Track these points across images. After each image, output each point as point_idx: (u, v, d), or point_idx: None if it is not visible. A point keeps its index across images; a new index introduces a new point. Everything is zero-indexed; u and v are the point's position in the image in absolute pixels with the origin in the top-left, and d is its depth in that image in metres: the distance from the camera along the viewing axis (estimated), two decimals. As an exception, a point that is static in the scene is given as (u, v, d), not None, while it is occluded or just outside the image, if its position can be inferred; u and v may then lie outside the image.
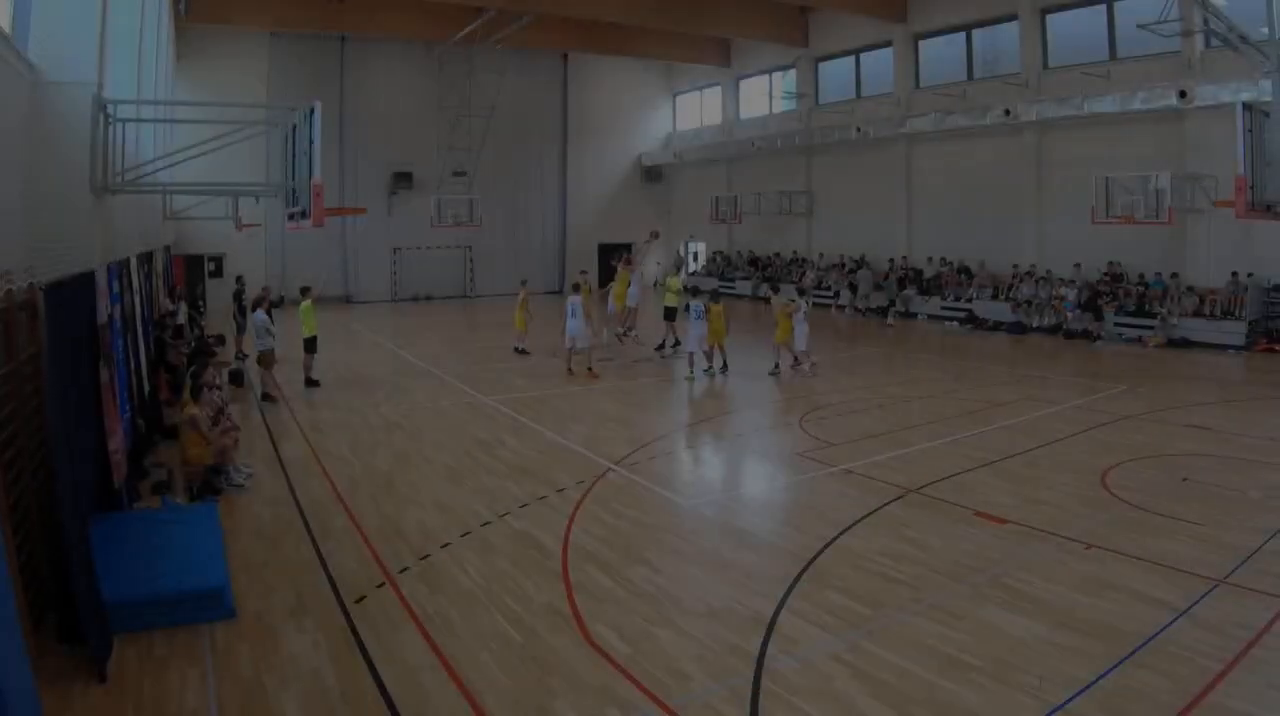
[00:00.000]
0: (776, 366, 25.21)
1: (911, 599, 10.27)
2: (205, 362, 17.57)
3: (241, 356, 26.38)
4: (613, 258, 32.78)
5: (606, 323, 30.07)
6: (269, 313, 23.80)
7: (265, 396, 22.35)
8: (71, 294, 10.81)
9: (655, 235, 30.97)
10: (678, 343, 28.48)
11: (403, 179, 49.68)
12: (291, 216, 15.98)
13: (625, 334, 29.73)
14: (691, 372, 24.69)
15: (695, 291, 26.83)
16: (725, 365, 25.65)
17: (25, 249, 10.30)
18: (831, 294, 44.15)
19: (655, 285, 51.13)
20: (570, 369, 25.37)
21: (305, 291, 24.46)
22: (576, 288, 26.53)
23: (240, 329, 28.12)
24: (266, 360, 22.67)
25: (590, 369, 25.04)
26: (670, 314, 29.87)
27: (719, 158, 54.50)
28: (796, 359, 25.15)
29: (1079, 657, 8.73)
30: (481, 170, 49.63)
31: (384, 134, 49.19)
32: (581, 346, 24.92)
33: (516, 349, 28.93)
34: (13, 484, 8.80)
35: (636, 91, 58.71)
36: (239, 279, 31.47)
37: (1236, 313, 29.99)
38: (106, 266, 13.57)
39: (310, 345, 23.80)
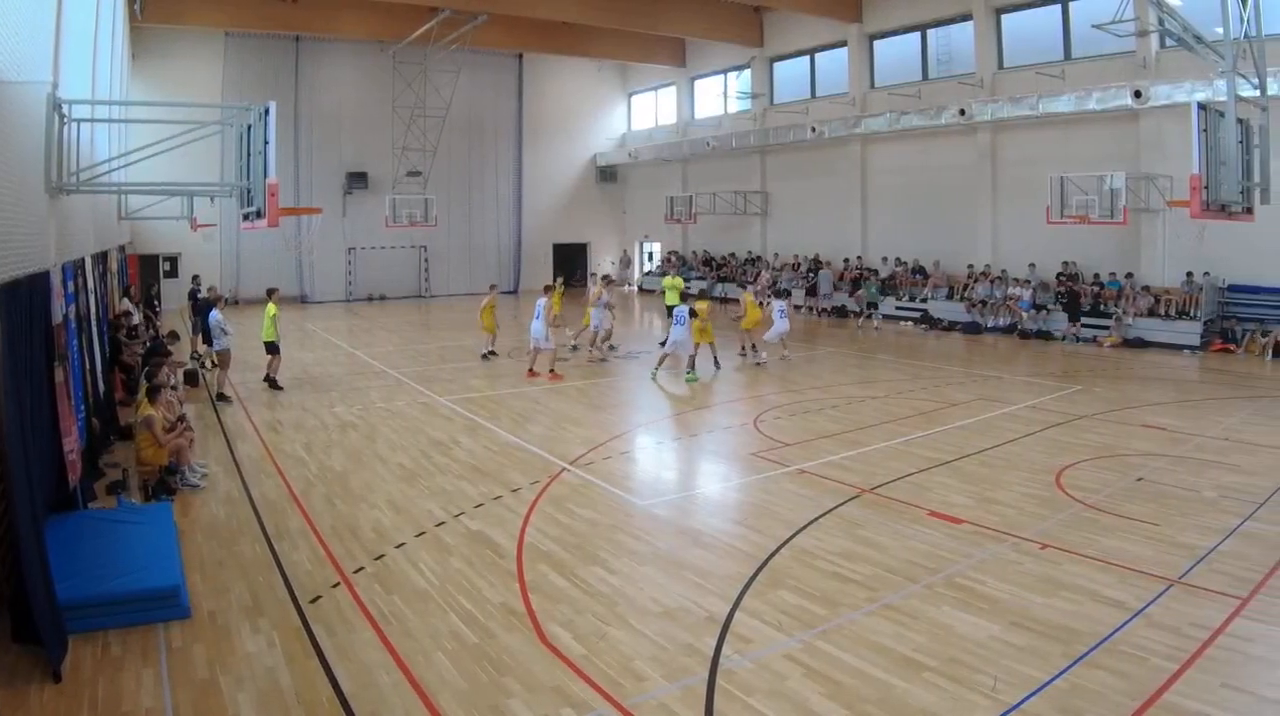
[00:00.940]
0: (757, 354, 25.62)
1: (866, 599, 10.30)
2: (159, 363, 17.52)
3: (196, 356, 26.16)
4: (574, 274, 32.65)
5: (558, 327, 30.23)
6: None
7: (220, 396, 22.24)
8: (26, 294, 10.75)
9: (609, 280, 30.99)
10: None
11: (357, 179, 49.81)
12: (246, 216, 15.93)
13: (582, 345, 29.95)
14: (692, 373, 24.74)
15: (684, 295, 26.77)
16: (717, 363, 25.96)
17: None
18: (787, 294, 43.95)
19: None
20: (532, 369, 25.25)
21: (271, 293, 24.22)
22: (548, 289, 26.23)
23: (195, 329, 27.91)
24: (223, 360, 22.61)
25: (552, 370, 24.98)
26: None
27: (674, 158, 54.70)
28: (754, 347, 25.38)
29: (1034, 657, 8.79)
30: (436, 170, 49.73)
31: (339, 134, 49.46)
32: (544, 348, 24.71)
33: (484, 354, 28.50)
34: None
35: (591, 91, 59.01)
36: (195, 278, 31.36)
37: (1191, 313, 30.26)
38: (61, 266, 13.50)
39: (272, 348, 23.52)
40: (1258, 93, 20.77)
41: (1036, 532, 12.40)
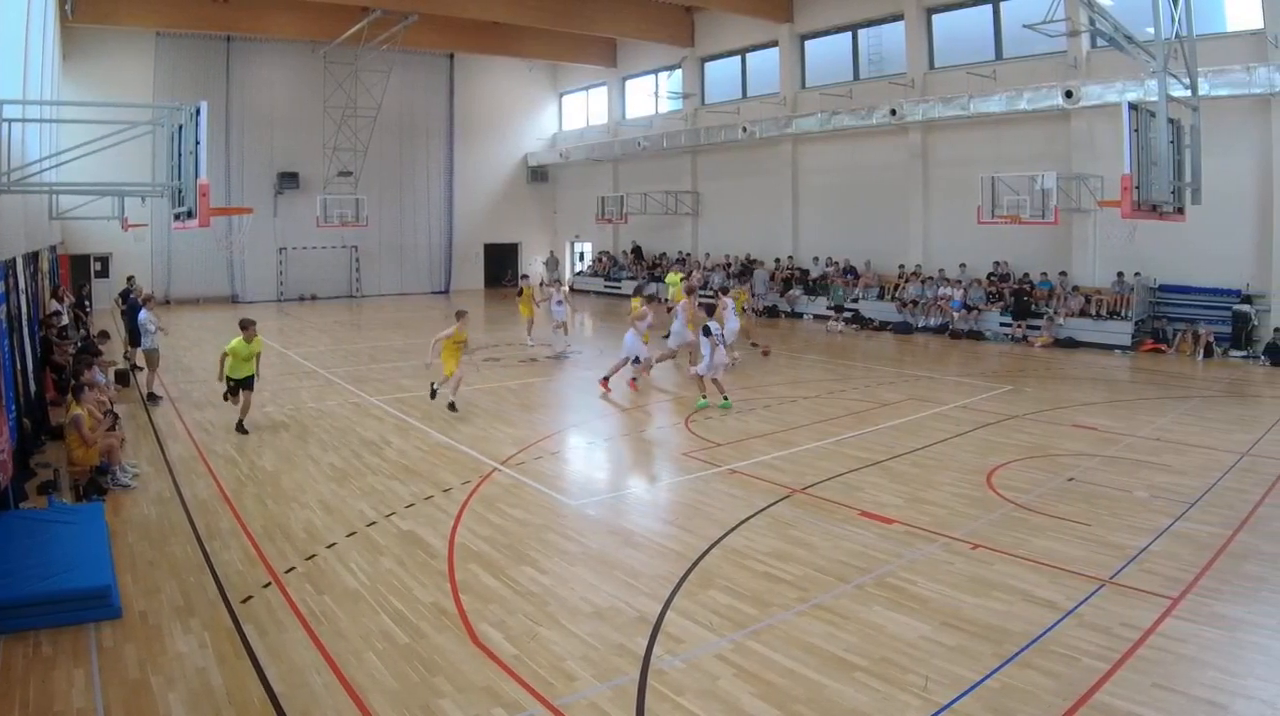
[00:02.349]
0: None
1: (797, 598, 10.33)
2: (85, 361, 17.34)
3: (127, 358, 25.84)
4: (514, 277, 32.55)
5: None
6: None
7: (151, 396, 22.05)
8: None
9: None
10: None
11: (288, 179, 49.71)
12: (177, 216, 15.84)
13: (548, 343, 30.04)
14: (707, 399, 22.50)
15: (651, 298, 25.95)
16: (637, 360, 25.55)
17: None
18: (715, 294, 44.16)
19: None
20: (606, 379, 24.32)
21: (247, 326, 19.47)
22: (643, 295, 26.25)
23: (127, 329, 27.56)
24: (151, 360, 22.40)
25: (634, 379, 24.48)
26: None
27: (605, 158, 54.79)
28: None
29: (965, 657, 8.84)
30: (367, 170, 50.01)
31: (269, 134, 49.26)
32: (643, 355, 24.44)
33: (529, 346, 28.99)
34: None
35: (522, 92, 59.11)
36: (130, 279, 31.05)
37: (1123, 313, 30.58)
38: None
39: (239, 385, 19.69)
40: (1189, 93, 20.91)
41: (967, 533, 12.47)
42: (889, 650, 9.03)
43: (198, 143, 14.74)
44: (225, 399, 19.77)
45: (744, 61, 47.07)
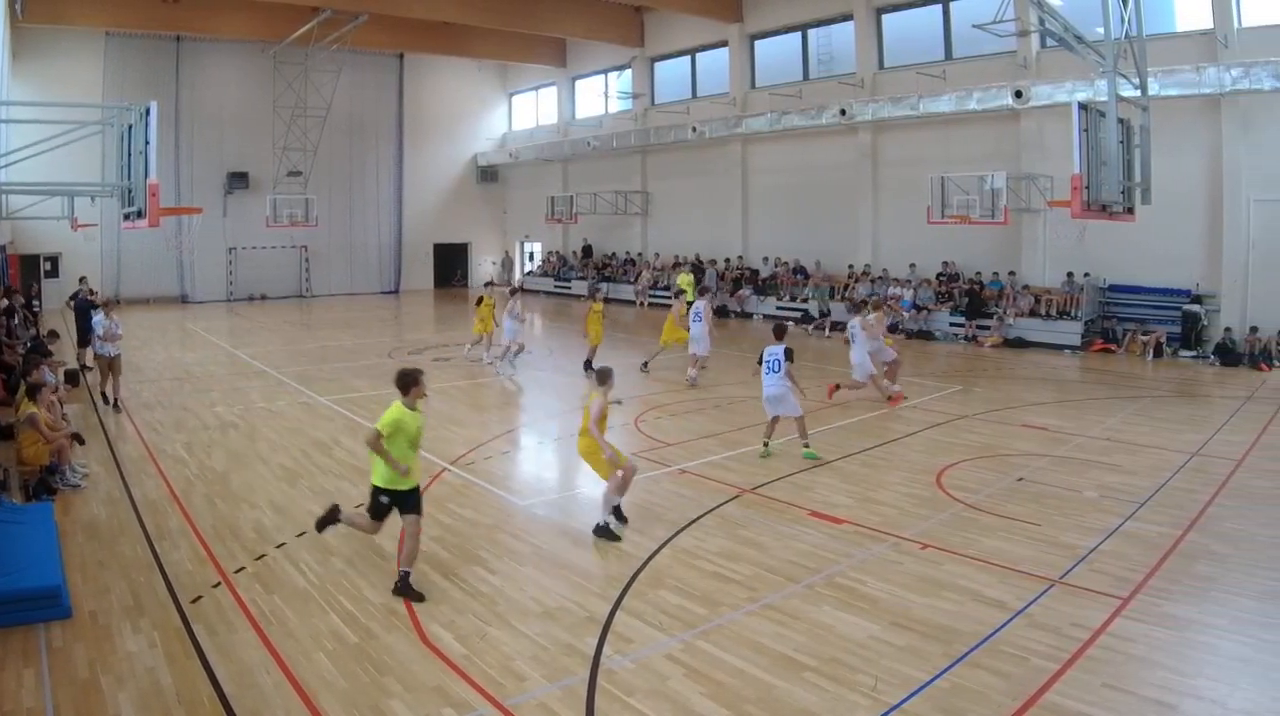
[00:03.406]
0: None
1: (747, 598, 10.37)
2: (37, 361, 17.21)
3: (80, 359, 25.58)
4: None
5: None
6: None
7: (115, 404, 21.22)
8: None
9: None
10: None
11: (238, 179, 49.55)
12: (127, 216, 15.78)
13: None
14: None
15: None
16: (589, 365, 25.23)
17: None
18: (674, 294, 44.06)
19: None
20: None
21: (410, 383, 11.22)
22: (705, 292, 25.81)
23: (78, 329, 27.19)
24: (115, 366, 21.26)
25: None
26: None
27: (555, 158, 54.81)
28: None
29: (914, 657, 8.89)
30: (317, 170, 49.80)
31: (219, 134, 49.09)
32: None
33: (587, 363, 25.79)
34: None
35: (472, 91, 59.18)
36: (82, 280, 30.80)
37: (1072, 313, 30.72)
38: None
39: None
40: (1138, 92, 21.00)
41: (917, 533, 12.53)
42: (838, 650, 9.08)
43: (147, 143, 14.73)
44: (371, 515, 11.25)
45: (694, 61, 47.19)
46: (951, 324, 33.21)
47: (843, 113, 35.76)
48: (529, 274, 57.65)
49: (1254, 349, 26.70)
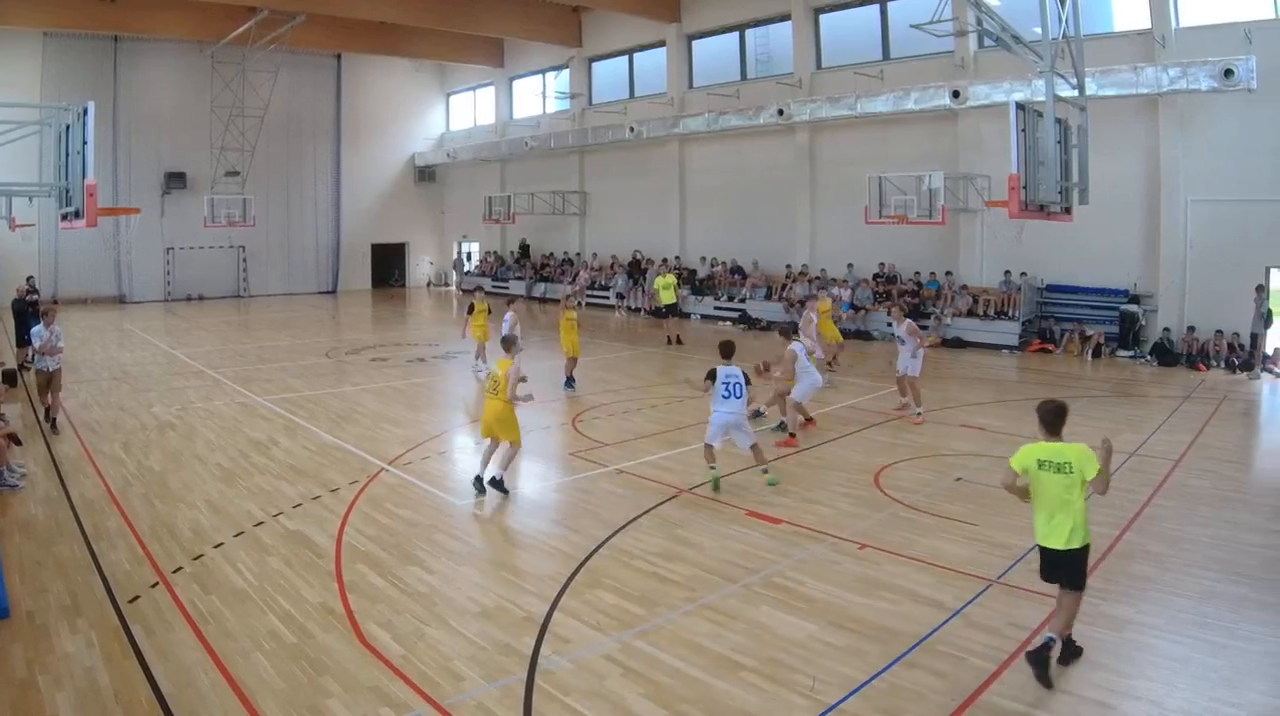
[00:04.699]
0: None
1: (685, 598, 10.37)
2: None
3: (18, 358, 25.23)
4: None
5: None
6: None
7: (53, 424, 19.25)
8: None
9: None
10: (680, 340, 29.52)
11: (176, 179, 49.25)
12: (65, 216, 15.69)
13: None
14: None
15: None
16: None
17: None
18: (615, 295, 44.32)
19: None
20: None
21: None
22: (811, 300, 25.08)
23: (16, 328, 26.71)
24: (55, 382, 19.17)
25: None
26: (673, 310, 31.84)
27: (492, 158, 54.84)
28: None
29: (852, 657, 8.90)
30: (255, 170, 49.48)
31: (157, 134, 48.75)
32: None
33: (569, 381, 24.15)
34: None
35: (410, 92, 59.25)
36: (29, 280, 30.50)
37: (1010, 313, 30.91)
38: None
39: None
40: (1076, 92, 21.13)
41: (855, 532, 12.55)
42: (776, 650, 9.08)
43: (85, 143, 14.74)
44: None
45: (631, 61, 47.28)
46: (888, 324, 33.20)
47: (780, 113, 35.91)
48: (467, 274, 57.72)
49: (1191, 349, 26.97)
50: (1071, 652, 8.76)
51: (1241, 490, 14.80)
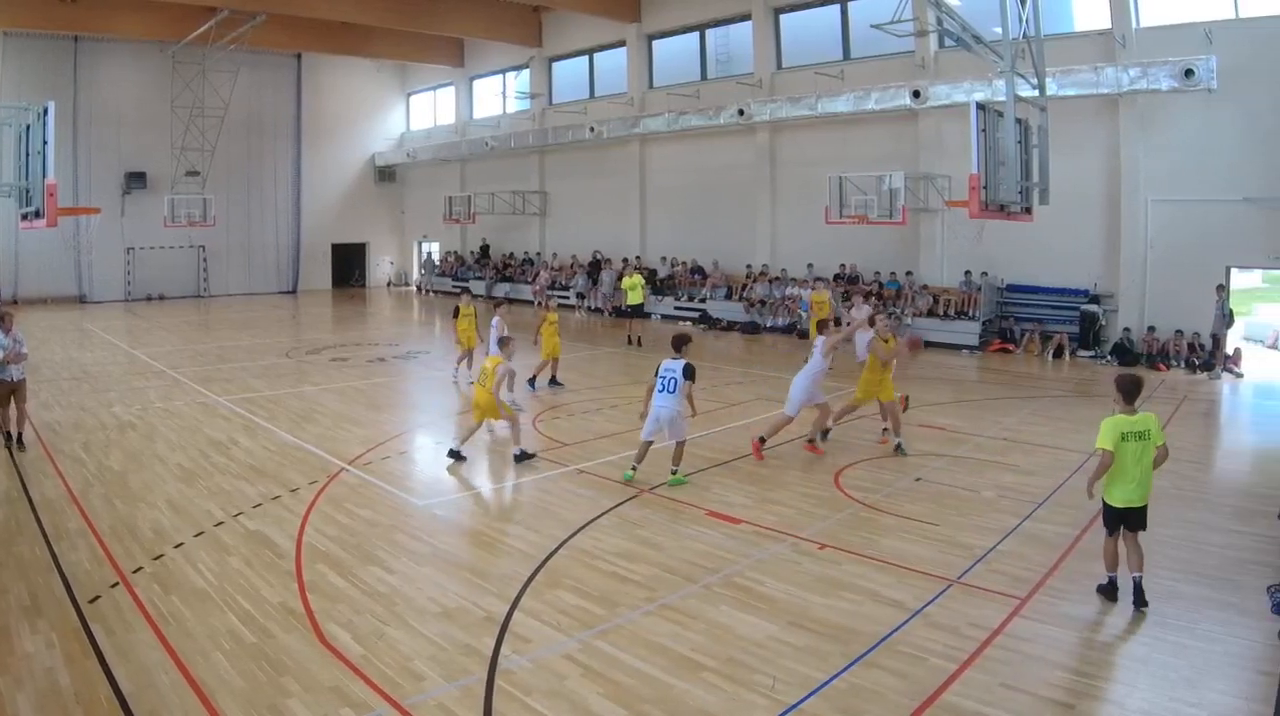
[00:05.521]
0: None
1: (645, 598, 10.36)
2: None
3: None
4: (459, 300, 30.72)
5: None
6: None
7: (19, 441, 17.85)
8: None
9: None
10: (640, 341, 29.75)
11: (136, 179, 49.15)
12: (25, 216, 15.63)
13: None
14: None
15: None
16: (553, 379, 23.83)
17: None
18: (576, 295, 44.39)
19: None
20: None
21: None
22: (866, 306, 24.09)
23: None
24: (19, 394, 17.68)
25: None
26: (637, 310, 31.82)
27: (453, 157, 54.81)
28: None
29: (813, 657, 8.89)
30: (215, 170, 49.34)
31: (118, 133, 48.64)
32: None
33: (552, 379, 24.06)
34: None
35: (370, 92, 59.35)
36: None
37: (970, 313, 31.02)
38: None
39: None
40: (1037, 93, 21.20)
41: (815, 532, 12.56)
42: (736, 650, 9.07)
43: (45, 142, 14.77)
44: None
45: (592, 61, 47.37)
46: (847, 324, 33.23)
47: (741, 113, 36.05)
48: (438, 276, 57.40)
49: (1151, 349, 27.12)
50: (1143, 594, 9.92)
51: (1202, 490, 14.88)
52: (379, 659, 8.85)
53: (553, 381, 23.44)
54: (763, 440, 16.60)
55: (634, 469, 15.07)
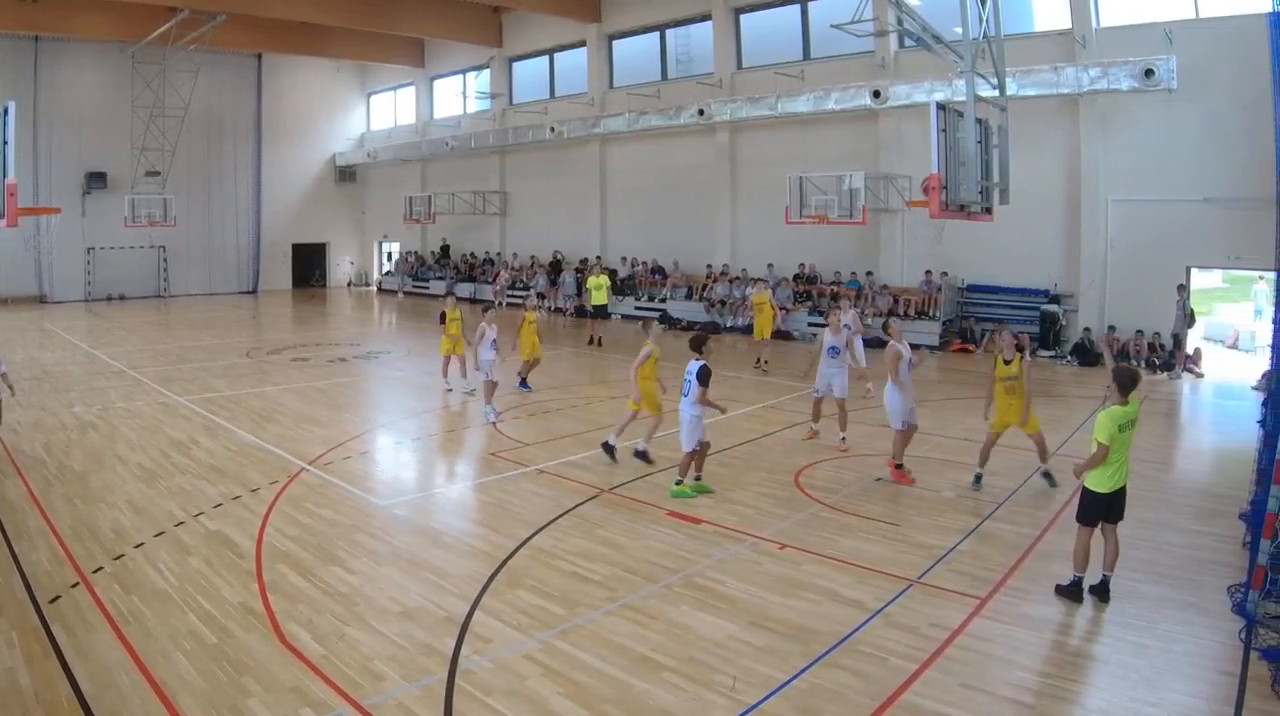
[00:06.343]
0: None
1: (605, 598, 10.38)
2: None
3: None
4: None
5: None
6: None
7: None
8: None
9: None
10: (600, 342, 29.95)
11: (96, 179, 48.76)
12: (-15, 216, 15.48)
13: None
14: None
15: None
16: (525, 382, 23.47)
17: None
18: (537, 295, 43.94)
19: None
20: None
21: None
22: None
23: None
24: None
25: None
26: (601, 311, 32.12)
27: (413, 157, 54.91)
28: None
29: (773, 657, 8.92)
30: (175, 170, 48.94)
31: (78, 133, 48.31)
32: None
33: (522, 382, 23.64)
34: None
35: (330, 92, 59.28)
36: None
37: (931, 313, 31.08)
38: None
39: None
40: (997, 93, 21.20)
41: (775, 533, 12.59)
42: (696, 650, 9.10)
43: (5, 142, 14.81)
44: None
45: (552, 61, 47.39)
46: (810, 324, 33.23)
47: (701, 113, 36.15)
48: (388, 274, 58.04)
49: (1112, 349, 27.22)
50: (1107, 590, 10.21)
51: (1162, 490, 14.92)
52: (339, 659, 8.84)
53: (522, 383, 23.27)
54: (900, 466, 15.62)
55: (679, 482, 14.47)
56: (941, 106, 19.36)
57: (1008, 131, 21.19)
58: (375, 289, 58.11)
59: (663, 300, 39.17)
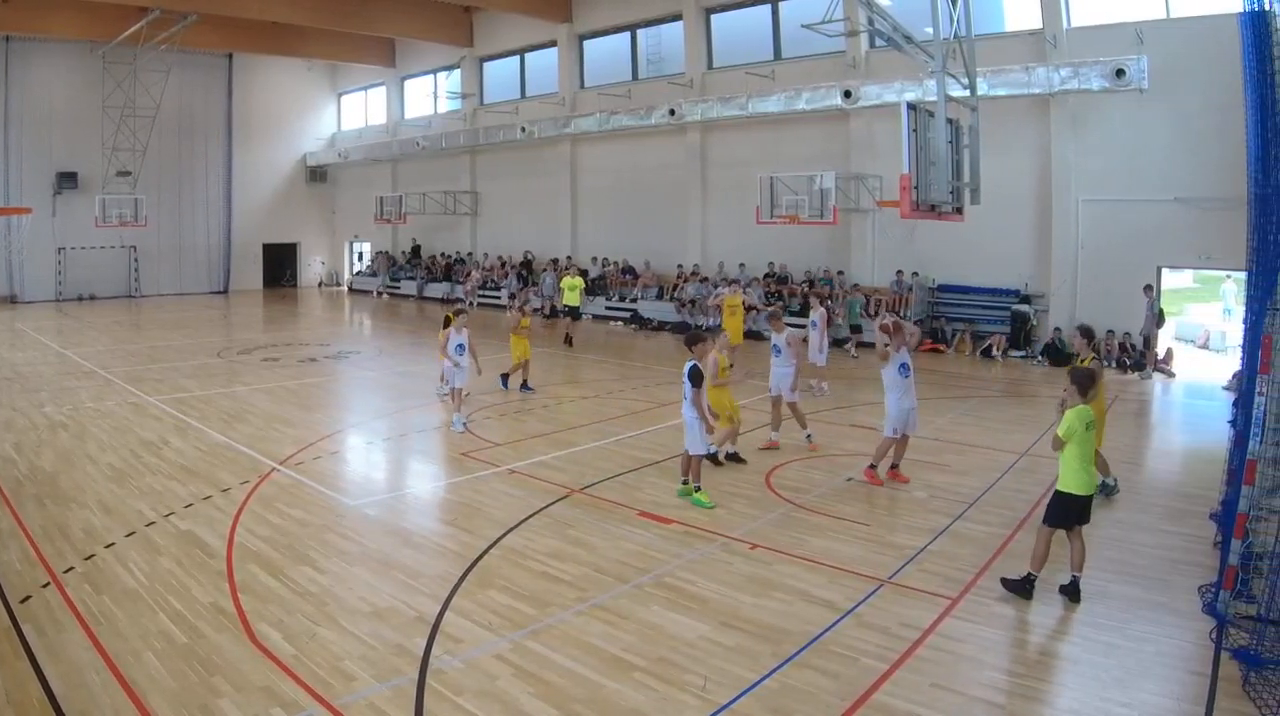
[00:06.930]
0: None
1: (576, 598, 10.34)
2: None
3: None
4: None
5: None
6: None
7: None
8: None
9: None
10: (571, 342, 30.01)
11: (67, 179, 48.72)
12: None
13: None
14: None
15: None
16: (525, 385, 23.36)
17: None
18: (508, 295, 43.88)
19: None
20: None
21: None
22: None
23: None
24: None
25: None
26: (573, 312, 32.29)
27: (384, 157, 54.84)
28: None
29: (744, 657, 8.89)
30: (146, 170, 48.81)
31: (49, 133, 48.29)
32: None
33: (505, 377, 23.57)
34: None
35: (301, 92, 59.25)
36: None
37: (901, 312, 30.79)
38: None
39: None
40: (968, 92, 21.22)
41: (746, 532, 12.57)
42: (667, 649, 9.08)
43: None
44: None
45: (523, 61, 47.44)
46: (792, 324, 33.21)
47: (672, 113, 36.26)
48: (358, 274, 58.13)
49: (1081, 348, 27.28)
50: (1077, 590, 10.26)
51: (1133, 490, 14.88)
52: (310, 659, 8.79)
53: (503, 378, 23.23)
54: (895, 467, 15.53)
55: (685, 482, 14.32)
56: (912, 106, 19.41)
57: (978, 131, 21.22)
58: (346, 289, 58.11)
59: (633, 300, 39.19)
